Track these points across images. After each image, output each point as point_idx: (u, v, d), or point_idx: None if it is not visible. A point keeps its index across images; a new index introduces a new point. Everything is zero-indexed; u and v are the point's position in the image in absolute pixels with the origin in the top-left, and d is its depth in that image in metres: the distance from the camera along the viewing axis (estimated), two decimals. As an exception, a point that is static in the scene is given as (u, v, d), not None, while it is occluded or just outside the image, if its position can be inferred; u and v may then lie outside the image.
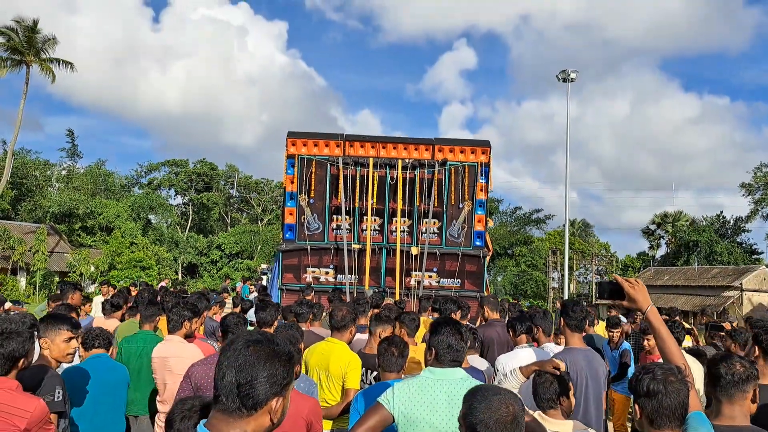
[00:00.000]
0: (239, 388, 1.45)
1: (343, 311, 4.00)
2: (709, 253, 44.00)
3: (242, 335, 1.57)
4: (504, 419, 1.89)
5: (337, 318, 3.99)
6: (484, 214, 11.26)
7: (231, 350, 1.50)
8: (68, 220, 44.03)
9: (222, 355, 1.52)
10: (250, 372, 1.46)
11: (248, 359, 1.48)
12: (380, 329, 4.16)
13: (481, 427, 1.90)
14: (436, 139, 11.21)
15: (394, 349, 3.42)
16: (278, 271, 11.25)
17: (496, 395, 1.95)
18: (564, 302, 4.02)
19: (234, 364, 1.47)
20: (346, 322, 4.00)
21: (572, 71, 22.85)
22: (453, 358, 2.70)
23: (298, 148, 10.87)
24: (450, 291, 11.12)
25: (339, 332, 4.01)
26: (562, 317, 3.89)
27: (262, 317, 4.59)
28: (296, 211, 11.03)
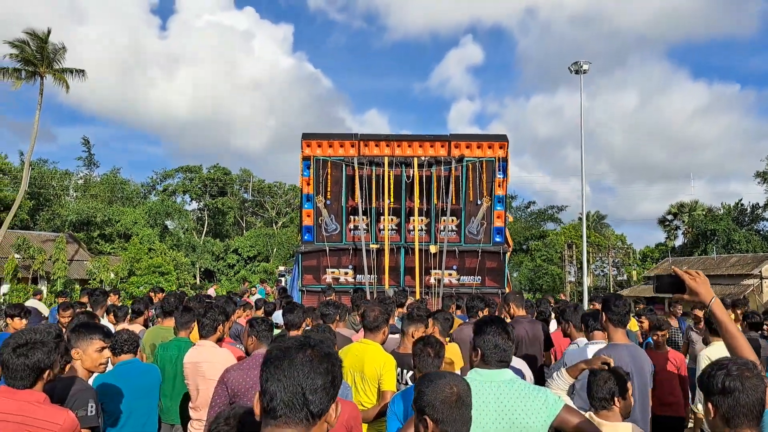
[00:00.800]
0: (305, 396, 1.39)
1: (375, 311, 3.98)
2: (727, 241, 43.46)
3: (290, 342, 1.51)
4: (449, 399, 2.01)
5: (369, 318, 3.97)
6: (503, 209, 11.20)
7: (286, 358, 1.43)
8: (86, 228, 44.49)
9: (274, 364, 1.44)
10: (314, 379, 1.40)
11: (311, 366, 1.42)
12: (413, 328, 4.13)
13: (428, 408, 2.02)
14: (451, 135, 11.17)
15: (430, 349, 3.39)
16: (298, 272, 11.28)
17: (441, 378, 2.08)
18: (606, 296, 3.97)
19: (295, 372, 1.41)
20: (379, 322, 3.98)
21: (585, 62, 22.62)
22: (500, 359, 2.65)
23: (313, 149, 10.88)
24: (470, 288, 11.08)
25: (372, 333, 3.99)
26: (604, 312, 3.83)
27: (290, 319, 4.59)
28: (313, 212, 11.05)
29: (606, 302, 3.88)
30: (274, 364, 1.44)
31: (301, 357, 1.43)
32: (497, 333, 2.68)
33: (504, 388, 2.58)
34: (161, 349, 4.63)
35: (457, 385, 2.04)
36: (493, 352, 2.65)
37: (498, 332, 2.68)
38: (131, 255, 36.05)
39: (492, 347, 2.65)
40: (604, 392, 2.99)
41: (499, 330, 2.69)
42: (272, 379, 1.42)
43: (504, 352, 2.67)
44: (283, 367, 1.42)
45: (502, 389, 2.58)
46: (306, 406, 1.39)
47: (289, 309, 4.60)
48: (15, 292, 31.93)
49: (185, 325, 4.64)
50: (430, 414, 2.00)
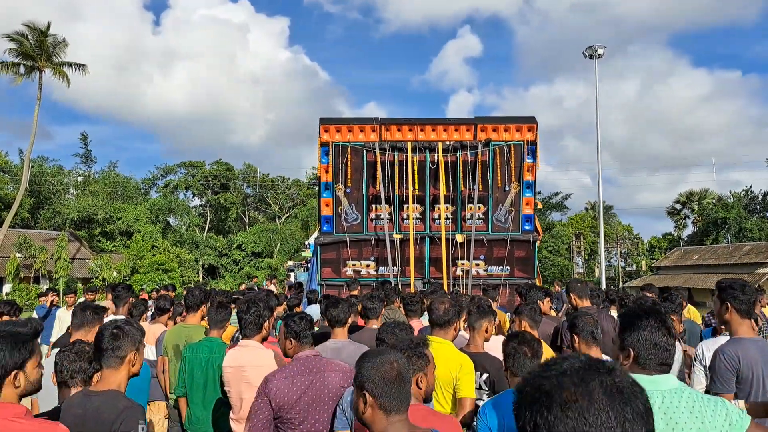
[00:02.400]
0: None
1: (445, 304, 3.39)
2: (739, 230, 42.86)
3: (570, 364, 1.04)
4: (388, 375, 2.03)
5: (439, 312, 3.37)
6: (532, 195, 10.57)
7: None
8: (88, 226, 43.95)
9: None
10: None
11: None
12: (486, 323, 3.54)
13: (368, 384, 2.03)
14: (477, 118, 10.52)
15: (527, 348, 2.80)
16: (316, 265, 10.68)
17: (381, 355, 2.11)
18: (729, 283, 3.35)
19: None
20: (450, 316, 3.39)
21: (599, 47, 21.95)
22: (661, 361, 2.08)
23: (332, 134, 10.25)
24: (499, 279, 10.49)
25: (442, 329, 3.39)
26: (728, 301, 3.23)
27: (334, 315, 3.99)
28: (332, 201, 10.42)
29: (729, 289, 3.28)
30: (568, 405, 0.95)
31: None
32: (656, 328, 2.10)
33: (671, 400, 1.99)
34: (190, 351, 4.01)
35: (397, 361, 2.06)
36: (652, 353, 2.08)
37: (657, 327, 2.10)
38: (134, 252, 35.53)
39: (650, 346, 2.07)
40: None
41: (657, 325, 2.10)
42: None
43: (666, 352, 2.10)
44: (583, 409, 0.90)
45: (668, 401, 1.98)
46: None
47: (333, 303, 3.99)
48: (17, 291, 31.35)
49: (220, 323, 4.04)
50: (369, 389, 2.01)
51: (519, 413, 1.00)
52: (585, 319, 3.26)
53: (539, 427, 0.95)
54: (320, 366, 3.09)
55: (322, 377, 3.05)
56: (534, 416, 0.96)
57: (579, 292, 5.23)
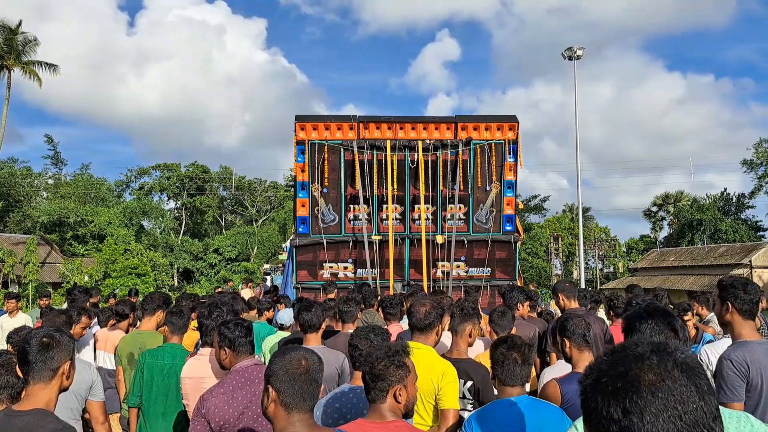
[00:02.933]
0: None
1: (426, 306, 3.09)
2: (714, 231, 43.43)
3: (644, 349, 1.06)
4: (294, 371, 2.01)
5: (419, 315, 3.08)
6: (513, 195, 10.36)
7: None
8: (59, 230, 42.82)
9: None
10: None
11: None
12: (470, 326, 3.26)
13: (273, 378, 2.02)
14: (458, 116, 10.29)
15: (517, 354, 2.52)
16: (292, 268, 10.32)
17: (292, 351, 2.10)
18: (730, 281, 3.11)
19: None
20: (432, 319, 3.09)
21: (578, 48, 21.93)
22: None
23: (308, 132, 9.91)
24: (480, 281, 10.26)
25: (423, 334, 3.10)
26: (729, 301, 2.99)
27: (308, 319, 3.68)
28: (309, 201, 10.08)
29: (730, 288, 3.03)
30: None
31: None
32: (658, 331, 1.83)
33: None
34: (149, 357, 3.64)
35: (307, 359, 2.04)
36: None
37: (660, 330, 1.83)
38: (106, 256, 34.61)
39: None
40: None
41: (660, 327, 1.84)
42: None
43: None
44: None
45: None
46: None
47: (305, 307, 3.67)
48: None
49: (180, 329, 3.70)
50: (273, 383, 2.00)
51: (598, 404, 1.00)
52: (576, 322, 3.00)
53: (630, 413, 0.96)
54: (262, 376, 2.77)
55: None
56: (622, 403, 0.97)
57: (567, 293, 4.97)
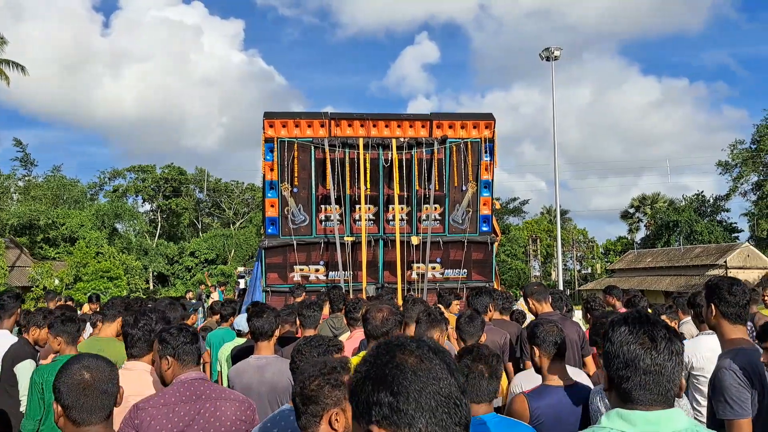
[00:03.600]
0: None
1: (383, 312, 2.77)
2: (690, 233, 43.88)
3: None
4: (77, 385, 1.93)
5: (375, 323, 2.75)
6: (490, 195, 10.10)
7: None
8: (29, 233, 41.69)
9: None
10: None
11: None
12: (437, 334, 2.95)
13: (57, 393, 1.95)
14: (433, 114, 10.01)
15: (484, 367, 2.20)
16: (261, 270, 9.92)
17: (75, 363, 2.01)
18: (715, 282, 2.83)
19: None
20: (389, 327, 2.77)
21: (556, 48, 21.84)
22: (656, 390, 1.49)
23: (277, 130, 9.54)
24: (456, 283, 9.98)
25: (380, 344, 2.79)
26: (713, 303, 2.71)
27: (259, 326, 3.33)
28: (278, 202, 9.70)
29: (716, 289, 2.75)
30: None
31: None
32: (636, 342, 1.52)
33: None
34: (47, 374, 3.17)
35: (91, 370, 1.96)
36: (637, 380, 1.48)
37: (637, 340, 1.53)
38: (77, 259, 33.69)
39: (634, 370, 1.49)
40: None
41: (637, 337, 1.53)
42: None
43: (659, 376, 1.51)
44: None
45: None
46: None
47: (256, 312, 3.32)
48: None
49: (75, 339, 3.33)
50: (58, 398, 1.94)
51: (369, 391, 1.09)
52: (547, 328, 2.70)
53: (398, 393, 1.04)
54: (209, 392, 2.44)
55: (213, 406, 2.42)
56: (390, 386, 1.05)
57: (538, 296, 4.67)
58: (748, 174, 43.77)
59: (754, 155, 43.43)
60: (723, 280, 2.83)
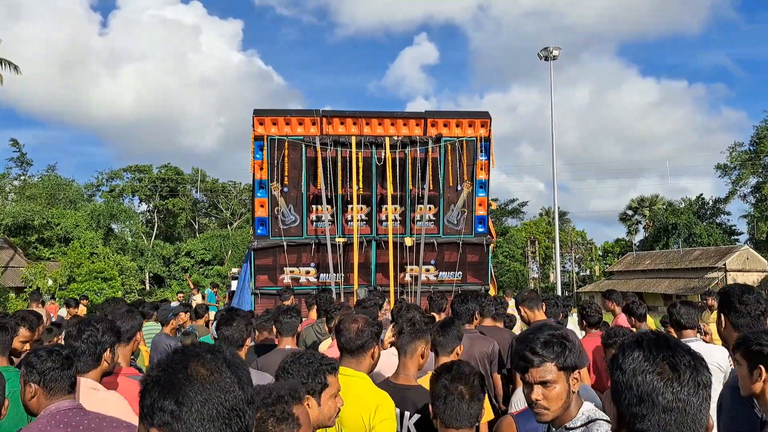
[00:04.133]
0: None
1: (358, 322, 2.49)
2: (689, 235, 43.64)
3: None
4: None
5: (349, 335, 2.48)
6: (485, 196, 9.83)
7: None
8: (23, 233, 41.35)
9: None
10: None
11: None
12: (421, 346, 2.67)
13: None
14: (427, 112, 9.74)
15: (464, 387, 1.93)
16: (250, 272, 9.64)
17: None
18: (726, 289, 2.57)
19: None
20: (365, 339, 2.50)
21: (554, 48, 21.58)
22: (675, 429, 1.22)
23: (267, 127, 9.27)
24: (450, 285, 9.70)
25: (354, 357, 2.50)
26: (723, 313, 2.45)
27: (228, 335, 3.05)
28: (268, 201, 9.43)
29: (725, 298, 2.49)
30: None
31: None
32: (654, 372, 1.25)
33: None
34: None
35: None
36: (655, 418, 1.21)
37: (654, 370, 1.25)
38: (71, 260, 33.36)
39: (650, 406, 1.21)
40: None
41: (655, 366, 1.26)
42: None
43: (682, 414, 1.22)
44: None
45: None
46: None
47: (225, 320, 3.05)
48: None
49: (7, 347, 3.05)
50: None
51: (155, 397, 1.13)
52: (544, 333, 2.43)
53: (182, 403, 1.10)
54: (87, 423, 2.06)
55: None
56: (177, 395, 1.10)
57: (530, 303, 4.40)
58: (747, 176, 43.58)
59: (753, 157, 43.26)
60: (734, 288, 2.56)
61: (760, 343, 2.03)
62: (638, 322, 5.61)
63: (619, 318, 6.64)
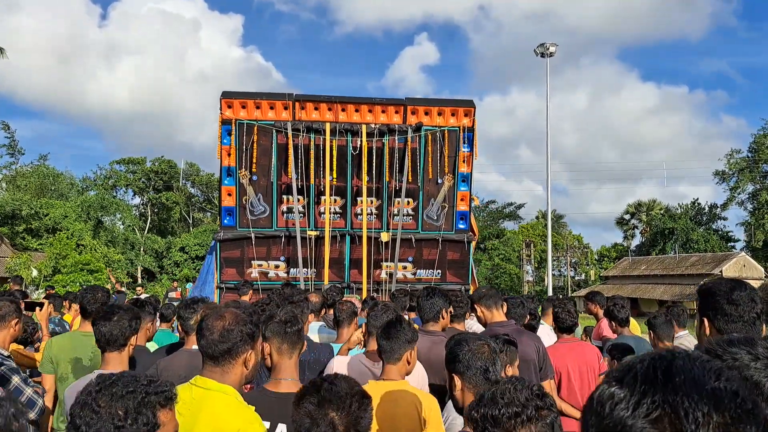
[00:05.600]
0: None
1: (225, 320, 1.93)
2: (685, 241, 43.13)
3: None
4: None
5: (212, 335, 1.91)
6: (468, 190, 9.27)
7: None
8: (11, 222, 40.73)
9: None
10: None
11: None
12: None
13: None
14: (407, 99, 9.16)
15: (336, 414, 1.37)
16: (215, 265, 9.07)
17: None
18: (708, 286, 2.00)
19: None
20: (233, 342, 1.93)
21: (551, 44, 21.00)
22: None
23: (236, 111, 8.70)
24: (429, 284, 9.11)
25: (218, 365, 1.93)
26: (706, 317, 1.89)
27: (105, 332, 2.51)
28: (236, 190, 8.86)
29: (708, 297, 1.93)
30: None
31: None
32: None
33: None
34: None
35: None
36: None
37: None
38: (56, 251, 32.75)
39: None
40: None
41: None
42: None
43: None
44: None
45: None
46: None
47: (104, 314, 2.48)
48: None
49: None
50: None
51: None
52: (474, 348, 1.87)
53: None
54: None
55: None
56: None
57: (486, 302, 3.80)
58: (745, 183, 43.16)
59: (751, 165, 42.82)
60: (721, 284, 1.98)
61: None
62: (620, 327, 5.06)
63: (601, 323, 6.08)
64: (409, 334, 2.73)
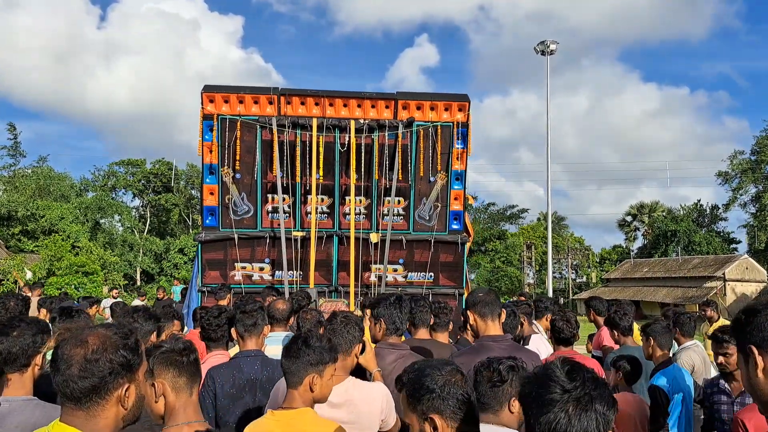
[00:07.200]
0: None
1: (87, 347, 1.48)
2: (688, 243, 42.66)
3: None
4: None
5: (69, 370, 1.48)
6: (462, 188, 8.83)
7: None
8: (7, 224, 40.40)
9: None
10: None
11: None
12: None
13: None
14: (398, 93, 8.74)
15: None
16: (198, 267, 8.67)
17: None
18: (752, 306, 1.56)
19: None
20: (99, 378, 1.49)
21: (551, 42, 20.59)
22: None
23: (218, 105, 8.30)
24: (420, 288, 8.72)
25: (80, 407, 1.50)
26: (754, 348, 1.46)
27: (2, 349, 2.05)
28: (218, 189, 8.46)
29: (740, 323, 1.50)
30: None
31: None
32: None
33: None
34: None
35: None
36: None
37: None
38: (51, 253, 32.36)
39: None
40: None
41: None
42: None
43: None
44: None
45: None
46: None
47: (2, 329, 2.05)
48: None
49: None
50: None
51: None
52: (449, 377, 1.43)
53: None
54: None
55: None
56: None
57: (482, 309, 3.30)
58: (747, 185, 42.78)
59: (753, 166, 42.42)
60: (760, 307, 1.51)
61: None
62: (622, 336, 4.62)
63: (602, 331, 5.65)
64: (313, 356, 2.29)
